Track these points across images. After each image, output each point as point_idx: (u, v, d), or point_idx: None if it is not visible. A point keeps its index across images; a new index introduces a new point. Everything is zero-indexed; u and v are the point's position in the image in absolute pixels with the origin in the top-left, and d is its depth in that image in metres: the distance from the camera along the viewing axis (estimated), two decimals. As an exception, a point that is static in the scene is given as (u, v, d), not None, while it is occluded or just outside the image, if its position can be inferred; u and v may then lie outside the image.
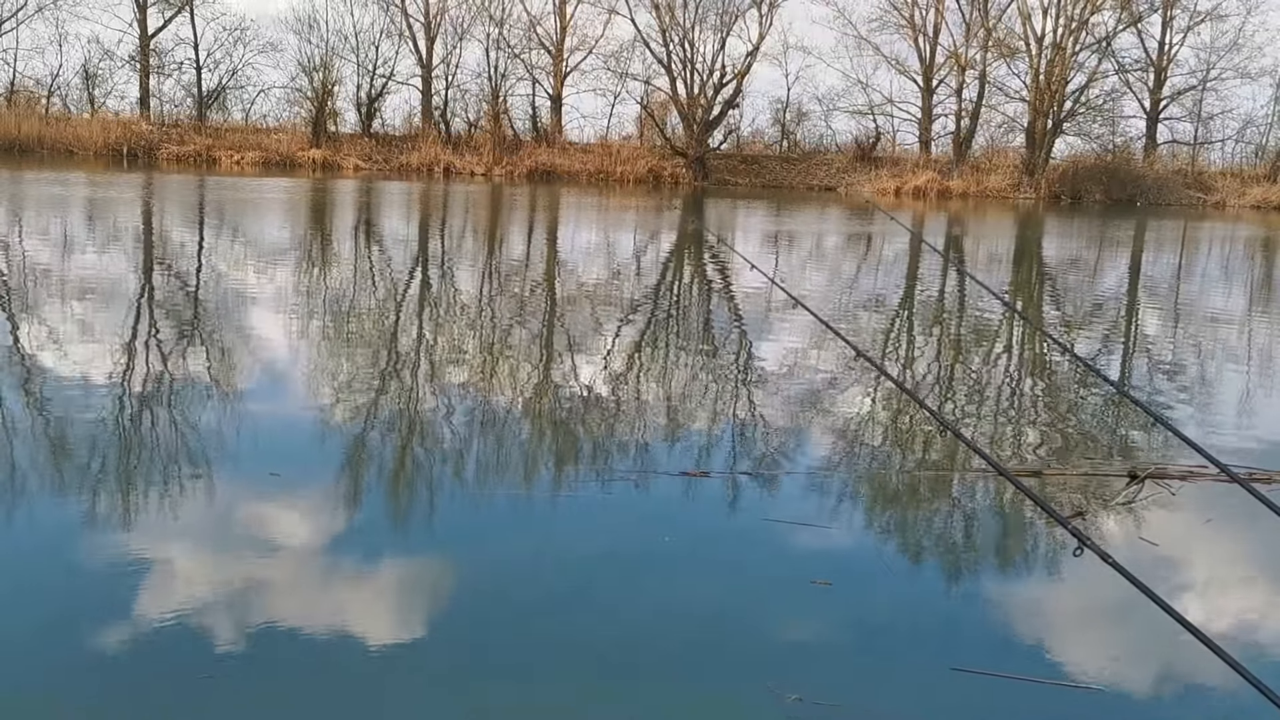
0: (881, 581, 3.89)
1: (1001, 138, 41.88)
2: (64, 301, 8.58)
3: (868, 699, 3.00)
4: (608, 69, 40.48)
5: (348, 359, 7.11)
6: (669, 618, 3.45)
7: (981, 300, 11.44)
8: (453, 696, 2.90)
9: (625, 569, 3.84)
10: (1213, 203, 39.27)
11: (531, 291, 11.01)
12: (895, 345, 9.05)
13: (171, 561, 3.63)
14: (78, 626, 3.13)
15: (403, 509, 4.37)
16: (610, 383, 6.77)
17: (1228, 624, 3.62)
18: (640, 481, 4.67)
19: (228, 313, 8.61)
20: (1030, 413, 6.77)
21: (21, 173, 25.18)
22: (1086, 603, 3.74)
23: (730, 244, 16.48)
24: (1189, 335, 10.44)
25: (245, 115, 41.24)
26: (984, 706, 3.02)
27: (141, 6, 38.87)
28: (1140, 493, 4.78)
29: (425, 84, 39.99)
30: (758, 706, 2.88)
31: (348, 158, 36.60)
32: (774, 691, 2.91)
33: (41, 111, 37.91)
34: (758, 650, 3.23)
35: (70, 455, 4.67)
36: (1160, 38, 41.47)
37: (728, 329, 9.29)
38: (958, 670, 3.11)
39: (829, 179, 39.08)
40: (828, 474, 4.99)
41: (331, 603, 3.39)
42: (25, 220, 15.46)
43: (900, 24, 40.92)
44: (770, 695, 2.90)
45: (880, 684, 3.10)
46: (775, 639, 3.34)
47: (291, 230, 16.92)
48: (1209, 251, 22.42)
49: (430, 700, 2.88)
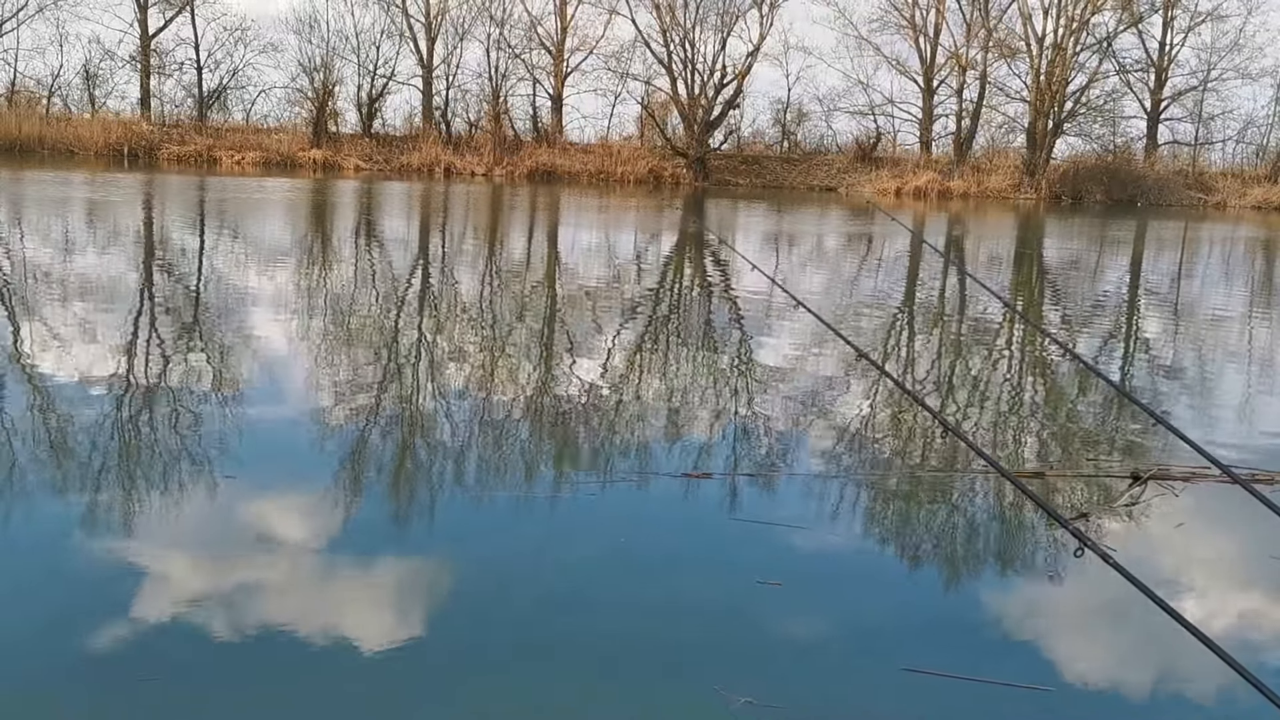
0: (881, 582, 3.89)
1: (1002, 138, 41.96)
2: (64, 302, 8.58)
3: (821, 700, 2.97)
4: (608, 69, 40.59)
5: (348, 360, 7.11)
6: (617, 617, 3.43)
7: (982, 301, 11.44)
8: (453, 698, 2.90)
9: (603, 570, 3.84)
10: (1214, 203, 39.27)
11: (532, 292, 11.01)
12: (896, 346, 9.04)
13: (171, 562, 3.63)
14: (75, 627, 3.12)
15: (403, 509, 4.36)
16: (611, 384, 6.77)
17: (1230, 625, 3.62)
18: (641, 483, 4.67)
19: (228, 313, 8.61)
20: (1032, 414, 6.77)
21: (22, 172, 25.19)
22: (1087, 603, 3.74)
23: (731, 244, 16.47)
24: (1190, 336, 10.43)
25: (246, 115, 41.33)
26: (936, 706, 2.98)
27: (142, 7, 38.90)
28: (1143, 494, 4.78)
29: (426, 84, 40.02)
30: (706, 709, 2.86)
31: (348, 158, 36.62)
32: (722, 694, 2.89)
33: (42, 112, 37.96)
34: (706, 652, 3.20)
35: (66, 455, 4.66)
36: (1161, 38, 41.55)
37: (729, 330, 9.28)
38: (909, 670, 3.09)
39: (830, 179, 39.10)
40: (828, 476, 4.99)
41: (331, 603, 3.39)
42: (26, 220, 15.46)
43: (901, 24, 41.00)
44: (718, 698, 2.88)
45: (832, 685, 3.07)
46: (733, 641, 3.30)
47: (292, 231, 16.93)
48: (1210, 252, 22.41)
49: (430, 701, 2.88)
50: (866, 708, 2.97)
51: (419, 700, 2.87)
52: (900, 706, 2.96)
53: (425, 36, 39.71)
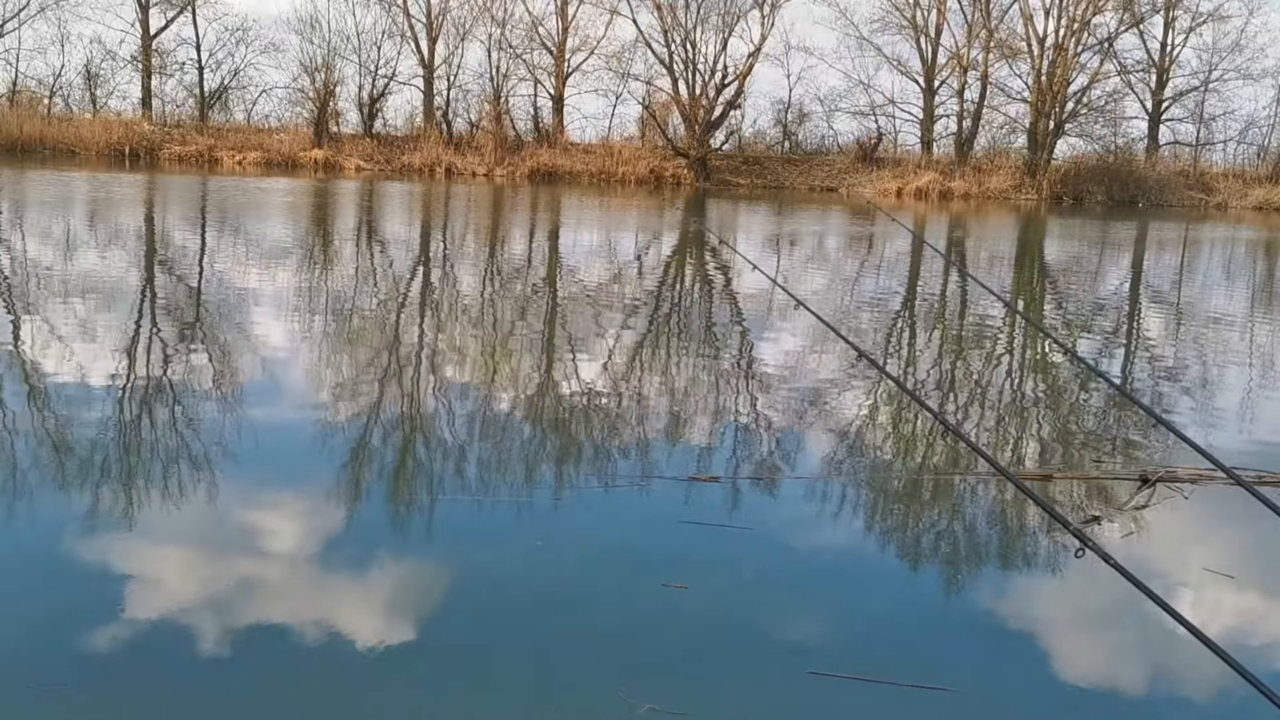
0: (878, 582, 3.89)
1: (1003, 139, 41.96)
2: (66, 301, 8.58)
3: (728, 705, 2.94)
4: (609, 70, 40.57)
5: (349, 360, 7.11)
6: (532, 619, 3.42)
7: (984, 302, 11.44)
8: (453, 698, 2.90)
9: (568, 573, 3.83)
10: (1215, 204, 39.26)
11: (534, 293, 11.01)
12: (898, 347, 9.04)
13: (170, 562, 3.62)
14: (75, 626, 3.11)
15: (404, 511, 4.35)
16: (613, 385, 6.77)
17: (1233, 625, 3.61)
18: (644, 485, 4.66)
19: (229, 313, 8.61)
20: (1036, 416, 6.76)
21: (24, 172, 25.20)
22: (1088, 604, 3.74)
23: (732, 245, 16.47)
24: (1195, 337, 10.42)
25: (247, 115, 41.39)
26: (841, 709, 2.96)
27: (143, 7, 38.94)
28: (1152, 496, 4.77)
29: (427, 84, 40.02)
30: (612, 715, 2.83)
31: (349, 158, 36.63)
32: (626, 700, 2.87)
33: (44, 112, 37.99)
34: (612, 655, 3.17)
35: (66, 454, 4.65)
36: (1162, 39, 41.53)
37: (730, 331, 9.28)
38: (815, 674, 3.07)
39: (831, 180, 39.08)
40: (829, 478, 4.99)
41: (331, 605, 3.38)
42: (27, 220, 15.46)
43: (902, 25, 41.00)
44: (623, 703, 2.85)
45: (737, 689, 3.03)
46: (628, 644, 3.26)
47: (294, 230, 16.92)
48: (1210, 253, 22.40)
49: (430, 702, 2.88)
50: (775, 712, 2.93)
51: (419, 702, 2.86)
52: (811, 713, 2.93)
53: (426, 36, 39.73)
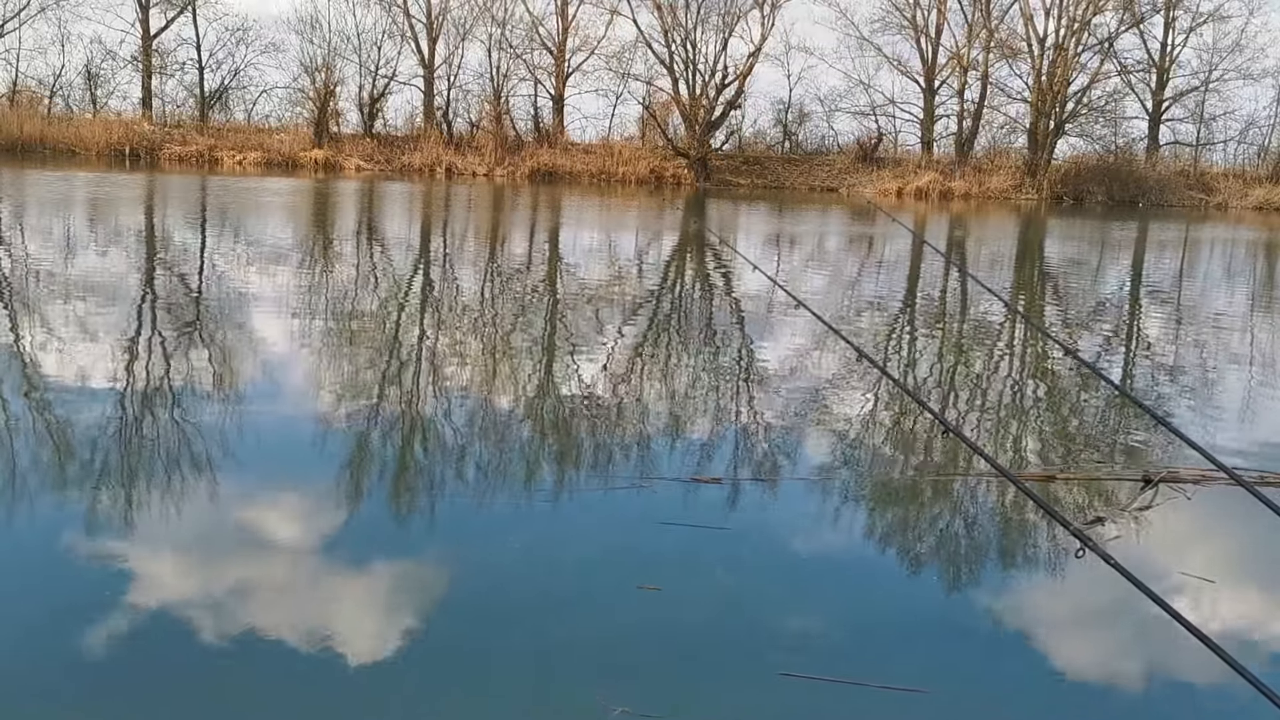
0: (879, 584, 3.89)
1: (1003, 138, 41.96)
2: (66, 301, 8.58)
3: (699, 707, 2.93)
4: (610, 70, 40.58)
5: (349, 361, 7.11)
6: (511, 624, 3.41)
7: (985, 302, 11.43)
8: (453, 699, 2.90)
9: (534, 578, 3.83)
10: (1215, 204, 39.26)
11: (534, 293, 11.01)
12: (898, 347, 9.04)
13: (170, 563, 3.62)
14: (75, 626, 3.11)
15: (404, 513, 4.35)
16: (614, 386, 6.76)
17: (1234, 626, 3.61)
18: (645, 486, 4.66)
19: (229, 313, 8.61)
20: (1037, 416, 6.76)
21: (24, 172, 25.20)
22: (1089, 605, 3.73)
23: (733, 245, 16.47)
24: (1195, 337, 10.41)
25: (247, 115, 41.43)
26: (814, 710, 2.95)
27: (144, 7, 38.96)
28: (1155, 497, 4.77)
29: (427, 84, 40.04)
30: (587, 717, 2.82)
31: (350, 158, 36.65)
32: (602, 703, 2.85)
33: (44, 111, 38.01)
34: (606, 659, 3.17)
35: (65, 454, 4.66)
36: (1162, 39, 41.53)
37: (730, 331, 9.28)
38: (787, 675, 3.06)
39: (831, 180, 39.09)
40: (829, 479, 4.98)
41: (331, 605, 3.38)
42: (28, 220, 15.47)
43: (902, 25, 41.01)
44: (597, 706, 2.84)
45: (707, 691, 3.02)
46: (609, 645, 3.27)
47: (294, 231, 16.93)
48: (1211, 253, 22.40)
49: (430, 702, 2.88)
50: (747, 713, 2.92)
51: (418, 703, 2.86)
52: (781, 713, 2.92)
53: (427, 36, 39.74)
